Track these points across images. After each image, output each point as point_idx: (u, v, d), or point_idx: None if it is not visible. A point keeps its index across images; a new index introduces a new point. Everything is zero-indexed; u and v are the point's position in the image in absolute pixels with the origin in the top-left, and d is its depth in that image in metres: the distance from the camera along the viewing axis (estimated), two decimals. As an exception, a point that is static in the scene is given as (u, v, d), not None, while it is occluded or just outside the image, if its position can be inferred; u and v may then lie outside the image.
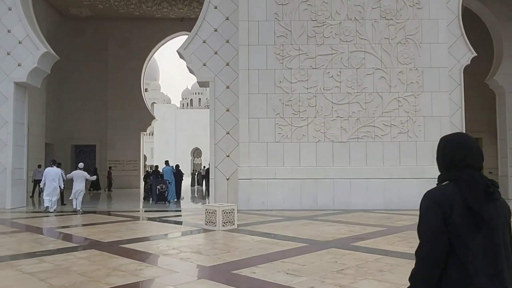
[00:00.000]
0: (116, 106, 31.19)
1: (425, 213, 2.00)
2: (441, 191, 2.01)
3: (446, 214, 1.94)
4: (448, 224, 1.94)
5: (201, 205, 17.44)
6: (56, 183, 14.85)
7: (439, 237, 1.94)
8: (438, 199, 1.98)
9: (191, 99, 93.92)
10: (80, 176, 14.90)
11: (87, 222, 12.13)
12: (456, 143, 2.07)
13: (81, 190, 14.65)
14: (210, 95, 16.00)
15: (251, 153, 14.98)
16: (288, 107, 15.09)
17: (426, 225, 1.98)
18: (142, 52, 31.59)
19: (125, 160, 31.42)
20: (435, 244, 1.94)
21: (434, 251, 1.94)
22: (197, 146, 77.91)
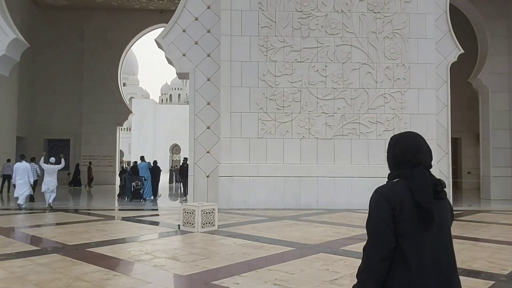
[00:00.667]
0: (92, 99, 29.90)
1: (374, 209, 2.00)
2: (391, 188, 2.01)
3: (395, 211, 1.94)
4: (397, 222, 1.94)
5: (179, 203, 16.52)
6: (25, 178, 14.01)
7: (386, 233, 1.93)
8: (388, 195, 1.98)
9: (171, 94, 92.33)
10: (52, 171, 14.17)
11: (54, 222, 11.14)
12: (406, 142, 2.08)
13: (54, 185, 14.01)
14: (190, 87, 15.10)
15: (233, 149, 14.17)
16: (272, 101, 14.32)
17: (375, 221, 1.98)
18: (119, 44, 30.35)
19: (101, 156, 30.17)
20: (382, 241, 1.94)
21: (381, 248, 1.94)
22: (176, 142, 76.63)
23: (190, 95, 15.08)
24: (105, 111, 29.98)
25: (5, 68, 15.12)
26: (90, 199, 18.25)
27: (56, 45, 29.50)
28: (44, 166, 14.28)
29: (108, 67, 29.95)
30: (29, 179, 14.27)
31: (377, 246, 1.96)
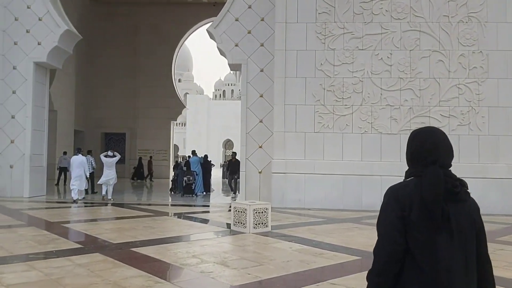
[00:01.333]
0: (146, 94, 30.08)
1: (383, 209, 1.91)
2: (403, 187, 1.90)
3: (404, 212, 1.84)
4: (406, 223, 1.84)
5: (232, 200, 15.90)
6: (81, 171, 14.06)
7: (395, 235, 1.83)
8: (398, 195, 1.88)
9: (224, 90, 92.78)
10: (111, 164, 14.20)
11: (102, 217, 10.80)
12: (423, 138, 1.96)
13: (112, 178, 14.08)
14: (242, 79, 14.39)
15: (287, 144, 13.31)
16: (330, 93, 13.32)
17: (384, 222, 1.88)
18: (173, 39, 30.30)
19: (155, 150, 30.31)
20: (391, 242, 1.84)
21: (390, 250, 1.84)
22: (229, 137, 76.88)
23: (242, 87, 14.37)
24: (159, 106, 30.05)
25: (58, 61, 15.04)
26: (143, 193, 18.06)
27: (111, 40, 29.86)
28: (104, 160, 14.31)
29: (162, 62, 29.97)
30: (85, 172, 14.31)
31: (386, 248, 1.86)
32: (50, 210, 11.66)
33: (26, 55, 14.25)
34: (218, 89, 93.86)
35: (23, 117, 14.18)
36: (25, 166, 14.10)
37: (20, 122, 14.19)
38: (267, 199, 13.47)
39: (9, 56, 14.32)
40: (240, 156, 14.41)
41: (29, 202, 13.18)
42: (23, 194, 14.07)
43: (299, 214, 11.66)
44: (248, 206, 8.55)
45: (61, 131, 25.52)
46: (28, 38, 14.27)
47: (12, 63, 14.30)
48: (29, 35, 14.26)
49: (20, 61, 14.25)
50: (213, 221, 10.42)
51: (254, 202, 8.94)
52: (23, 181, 14.10)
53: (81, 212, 11.61)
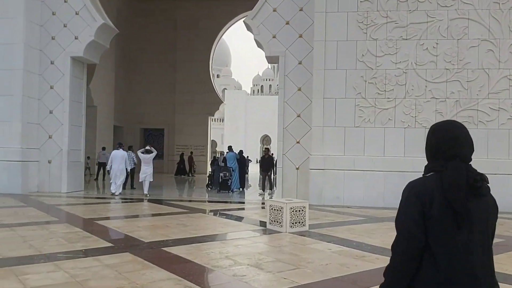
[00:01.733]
0: (184, 89, 30.15)
1: (403, 205, 1.86)
2: (423, 182, 1.85)
3: (425, 208, 1.79)
4: (426, 219, 1.79)
5: (268, 197, 15.53)
6: (122, 166, 14.16)
7: (415, 231, 1.79)
8: (418, 190, 1.82)
9: (262, 85, 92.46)
10: (147, 160, 14.19)
11: (137, 213, 10.64)
12: (443, 131, 1.90)
13: (148, 174, 14.10)
14: (280, 72, 13.94)
15: (326, 139, 12.78)
16: (371, 85, 12.67)
17: (403, 218, 1.84)
18: (211, 33, 30.17)
19: (193, 145, 30.35)
20: (410, 239, 1.80)
21: (408, 246, 1.80)
22: (267, 133, 76.57)
23: (280, 80, 13.92)
24: (197, 101, 30.06)
25: (95, 55, 15.05)
26: (180, 189, 17.95)
27: (150, 36, 30.04)
28: (141, 156, 14.37)
29: (200, 57, 29.91)
30: (126, 167, 14.33)
31: (405, 244, 1.81)
32: (86, 206, 11.64)
33: (63, 49, 14.33)
34: (256, 84, 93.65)
35: (61, 112, 14.29)
36: (63, 161, 14.23)
37: (57, 117, 14.32)
38: (304, 196, 13.03)
39: (47, 51, 14.45)
40: (277, 152, 14.00)
41: (66, 197, 13.26)
42: (61, 189, 14.20)
43: (338, 212, 11.14)
44: (284, 204, 8.13)
45: (101, 126, 25.90)
46: (65, 32, 14.34)
47: (50, 58, 14.43)
48: (66, 30, 14.33)
49: (58, 56, 14.35)
50: (248, 219, 10.07)
51: (291, 200, 8.51)
52: (61, 176, 14.23)
53: (116, 208, 11.54)
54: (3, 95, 13.72)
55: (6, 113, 13.68)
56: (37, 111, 14.33)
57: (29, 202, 11.78)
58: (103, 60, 26.30)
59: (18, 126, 13.64)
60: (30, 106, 14.05)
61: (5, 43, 13.72)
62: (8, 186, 13.42)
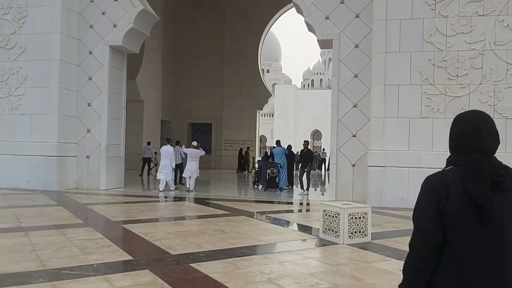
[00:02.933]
0: (232, 82, 29.06)
1: (419, 200, 1.78)
2: (440, 176, 1.75)
3: (441, 203, 1.69)
4: (442, 215, 1.69)
5: (319, 196, 13.99)
6: (168, 161, 13.40)
7: (431, 228, 1.70)
8: (435, 185, 1.73)
9: (312, 79, 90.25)
10: (194, 155, 13.46)
11: (170, 215, 9.46)
12: (466, 123, 1.78)
13: (193, 170, 13.43)
14: (334, 57, 12.34)
15: (387, 132, 11.08)
16: (441, 69, 10.82)
17: (420, 214, 1.75)
18: (260, 24, 28.84)
19: (241, 140, 29.22)
20: (426, 235, 1.71)
21: (425, 243, 1.71)
22: (317, 128, 74.46)
23: (334, 66, 12.32)
24: (245, 95, 28.90)
25: (135, 44, 14.09)
26: (226, 186, 16.69)
27: (198, 28, 29.16)
28: (187, 151, 13.75)
29: (249, 49, 28.70)
30: (171, 162, 13.56)
31: (422, 241, 1.72)
32: (120, 205, 10.61)
33: (101, 38, 13.44)
34: (306, 79, 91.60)
35: (100, 104, 13.43)
36: (101, 156, 13.36)
37: (96, 110, 13.47)
38: (361, 197, 11.44)
39: (85, 40, 13.61)
40: (331, 146, 12.41)
41: (103, 195, 12.36)
42: (99, 186, 13.36)
43: (403, 216, 9.45)
44: (341, 210, 6.62)
45: (148, 121, 25.27)
46: (104, 20, 13.43)
47: (88, 47, 13.58)
48: (104, 18, 13.41)
49: (96, 45, 13.48)
50: (296, 224, 8.60)
51: (348, 204, 6.98)
52: (100, 172, 13.39)
53: (151, 208, 10.42)
54: (40, 87, 13.00)
55: (43, 106, 12.96)
56: (75, 103, 13.54)
57: (61, 200, 10.93)
58: (150, 53, 25.74)
59: (54, 119, 12.87)
60: (68, 98, 13.26)
61: (41, 32, 12.97)
62: (45, 183, 12.70)
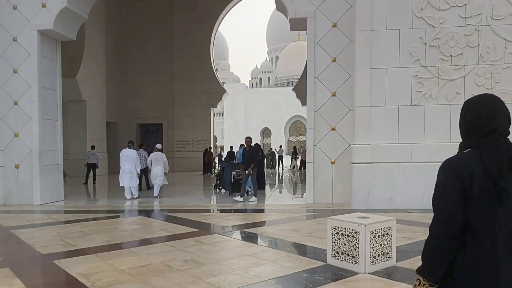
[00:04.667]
0: (183, 79, 26.70)
1: (441, 184, 1.71)
2: (460, 159, 1.71)
3: (464, 186, 1.66)
4: (466, 197, 1.66)
5: (294, 199, 12.11)
6: (132, 167, 11.93)
7: (454, 210, 1.66)
8: (456, 168, 1.68)
9: (260, 78, 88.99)
10: (158, 159, 12.25)
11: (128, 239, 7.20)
12: (479, 106, 1.75)
13: (159, 175, 12.16)
14: (308, 39, 10.51)
15: (374, 123, 9.41)
16: (433, 49, 9.28)
17: (442, 197, 1.70)
18: (211, 16, 26.66)
19: (194, 140, 26.93)
20: (449, 219, 1.67)
21: (448, 227, 1.67)
22: (267, 126, 73.27)
23: (309, 50, 10.48)
24: (198, 92, 26.65)
25: (70, 29, 11.53)
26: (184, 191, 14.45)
27: (144, 21, 26.60)
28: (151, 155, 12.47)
29: (200, 43, 26.46)
30: (136, 168, 11.91)
31: (444, 224, 1.67)
32: (57, 227, 8.18)
33: (28, 21, 10.82)
34: (254, 77, 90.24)
35: (29, 102, 10.83)
36: (34, 165, 10.77)
37: (25, 110, 10.86)
38: (342, 197, 9.77)
39: (8, 24, 10.93)
40: (307, 142, 10.58)
41: (37, 213, 9.83)
42: (32, 201, 10.80)
43: (407, 221, 7.76)
44: (361, 226, 4.75)
45: (92, 123, 22.47)
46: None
47: (11, 33, 10.92)
48: (30, -4, 10.84)
49: (21, 30, 10.84)
50: (286, 242, 6.61)
51: (366, 218, 5.10)
52: (32, 184, 10.82)
53: (97, 229, 8.06)
54: None
55: (-46, 106, 10.23)
56: (-3, 102, 10.89)
57: (-24, 223, 8.35)
58: (92, 48, 22.88)
59: (-31, 122, 10.19)
60: (-14, 95, 10.58)
61: None
62: (-38, 200, 10.01)
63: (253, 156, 11.30)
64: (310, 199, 10.22)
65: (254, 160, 11.24)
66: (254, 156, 11.32)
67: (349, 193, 9.96)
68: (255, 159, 11.32)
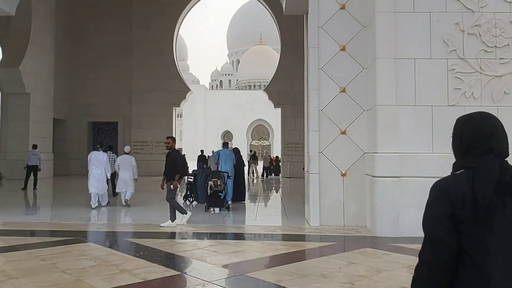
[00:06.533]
0: (143, 75, 24.00)
1: (430, 206, 1.61)
2: (452, 181, 1.60)
3: (456, 210, 1.54)
4: (458, 222, 1.54)
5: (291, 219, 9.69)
6: (102, 171, 10.58)
7: (445, 236, 1.54)
8: (447, 190, 1.57)
9: (221, 80, 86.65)
10: (126, 163, 10.76)
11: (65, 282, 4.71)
12: (475, 124, 1.64)
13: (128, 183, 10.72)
14: (310, 23, 8.35)
15: (401, 126, 7.39)
16: (473, 38, 7.40)
17: (431, 221, 1.58)
18: (175, 8, 24.17)
19: (154, 142, 24.24)
20: (439, 246, 1.55)
21: (438, 254, 1.55)
22: (228, 129, 71.00)
23: (311, 35, 8.32)
24: (158, 89, 24.03)
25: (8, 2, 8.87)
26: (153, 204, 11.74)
27: (101, 9, 23.72)
28: (119, 159, 11.08)
29: (162, 36, 23.90)
30: (107, 172, 10.75)
31: (434, 251, 1.55)
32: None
33: None
34: (214, 80, 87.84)
35: None
36: None
37: None
38: (357, 220, 7.71)
39: None
40: (310, 148, 8.37)
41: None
42: None
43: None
44: None
45: (36, 119, 19.37)
46: None
47: None
48: None
49: None
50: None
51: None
52: None
53: (27, 264, 5.53)
54: None
55: None
56: None
57: None
58: (39, 36, 19.72)
59: None
60: None
61: None
62: None
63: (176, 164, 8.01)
64: (315, 220, 8.03)
65: (180, 169, 8.06)
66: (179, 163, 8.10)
67: (363, 213, 7.91)
68: (182, 168, 8.11)
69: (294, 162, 23.55)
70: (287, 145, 24.33)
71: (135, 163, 10.91)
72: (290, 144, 24.21)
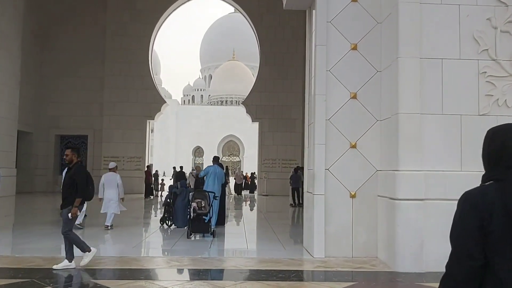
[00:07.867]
0: (115, 85, 22.15)
1: (459, 219, 1.52)
2: (481, 192, 1.50)
3: (484, 221, 1.45)
4: (486, 234, 1.45)
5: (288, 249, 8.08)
6: None
7: (472, 249, 1.46)
8: (476, 202, 1.48)
9: (193, 95, 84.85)
10: (111, 181, 9.51)
11: None
12: (506, 136, 1.54)
13: (112, 200, 9.39)
14: (318, 18, 6.99)
15: (426, 138, 6.06)
16: (506, 36, 6.20)
17: (459, 234, 1.50)
18: (151, 15, 22.56)
19: (126, 157, 22.25)
20: (467, 258, 1.46)
21: (465, 266, 1.46)
22: (199, 144, 69.00)
23: (318, 31, 6.95)
24: (132, 100, 22.21)
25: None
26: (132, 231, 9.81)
27: (72, 15, 21.87)
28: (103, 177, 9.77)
29: (137, 45, 22.17)
30: None
31: (461, 264, 1.47)
32: None
33: None
34: (186, 95, 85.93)
35: None
36: None
37: None
38: (367, 249, 6.33)
39: None
40: (315, 164, 6.91)
41: None
42: None
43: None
44: None
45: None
46: None
47: None
48: None
49: None
50: None
51: None
52: None
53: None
54: None
55: None
56: None
57: None
58: (4, 41, 17.80)
59: None
60: None
61: None
62: None
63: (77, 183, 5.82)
64: (319, 251, 6.54)
65: (81, 190, 5.82)
66: (81, 182, 5.83)
67: (374, 242, 6.51)
68: (83, 190, 5.86)
69: (271, 179, 22.16)
70: (264, 161, 22.93)
71: (121, 181, 9.58)
72: (267, 160, 22.83)
